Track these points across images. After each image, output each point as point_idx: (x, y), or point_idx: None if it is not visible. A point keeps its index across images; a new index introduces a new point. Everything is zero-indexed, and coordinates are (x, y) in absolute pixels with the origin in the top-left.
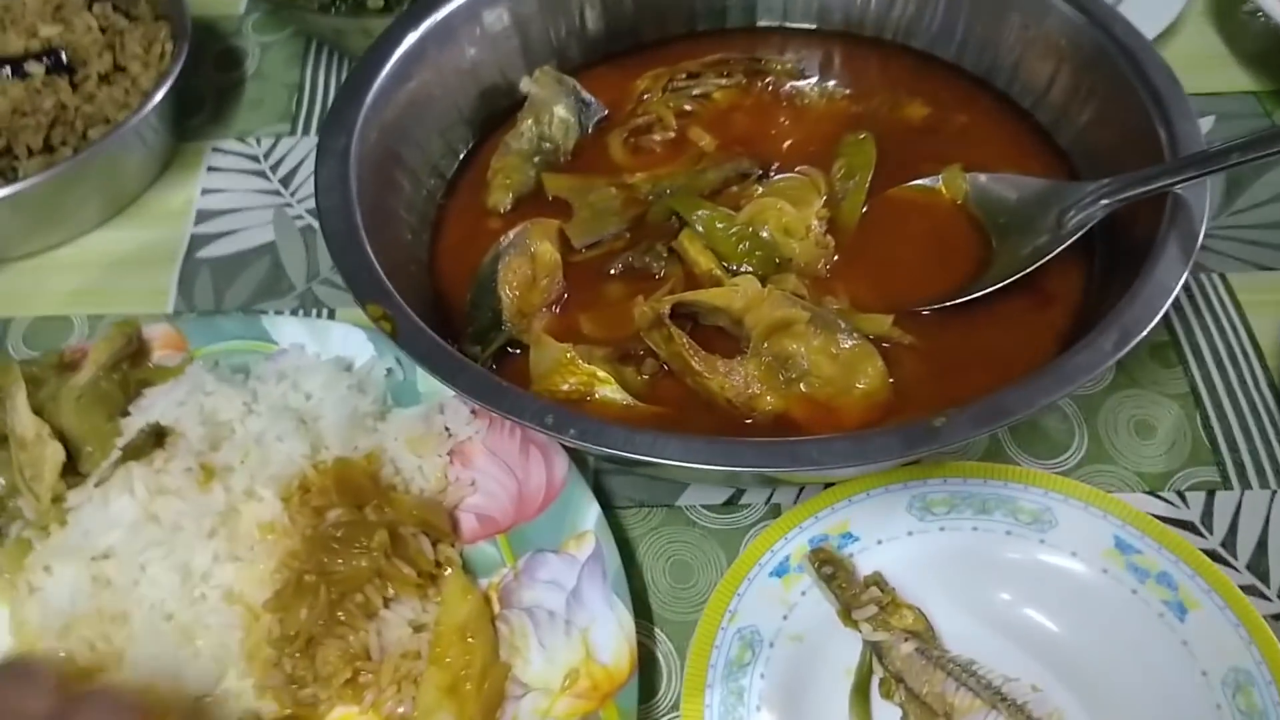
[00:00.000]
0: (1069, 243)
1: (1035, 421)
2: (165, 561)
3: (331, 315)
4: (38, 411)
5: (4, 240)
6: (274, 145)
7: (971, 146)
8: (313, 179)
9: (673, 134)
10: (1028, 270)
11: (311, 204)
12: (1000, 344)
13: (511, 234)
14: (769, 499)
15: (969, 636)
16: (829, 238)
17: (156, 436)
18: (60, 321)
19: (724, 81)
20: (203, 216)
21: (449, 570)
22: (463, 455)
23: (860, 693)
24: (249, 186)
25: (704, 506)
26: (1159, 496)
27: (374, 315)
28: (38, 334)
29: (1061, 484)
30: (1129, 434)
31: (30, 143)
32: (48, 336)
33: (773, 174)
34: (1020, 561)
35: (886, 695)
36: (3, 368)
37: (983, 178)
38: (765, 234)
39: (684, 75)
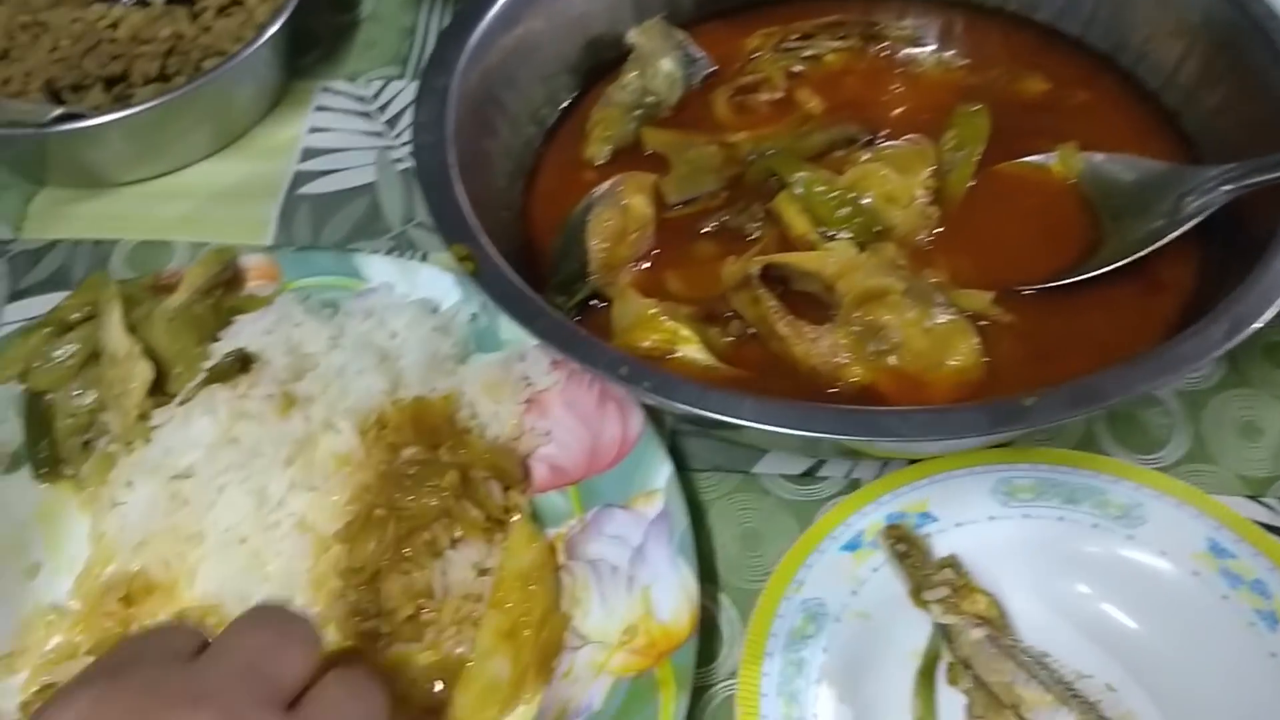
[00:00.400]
0: (1186, 228)
1: (1134, 413)
2: (242, 485)
3: (424, 259)
4: (131, 330)
5: (114, 164)
6: (383, 88)
7: (1089, 126)
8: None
9: (780, 94)
10: (1139, 254)
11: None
12: (1104, 330)
13: (605, 185)
14: (849, 473)
15: (1043, 628)
16: (933, 208)
17: (242, 362)
18: (162, 247)
19: (837, 44)
20: (308, 154)
21: (516, 516)
22: (539, 405)
23: (925, 676)
24: (355, 127)
25: (781, 476)
26: (1261, 502)
27: (458, 255)
28: (140, 257)
29: (1156, 479)
30: (1234, 434)
31: (146, 70)
32: (149, 261)
33: (880, 141)
34: (1104, 556)
35: (953, 681)
36: (100, 284)
37: (1099, 157)
38: (867, 200)
39: (797, 36)
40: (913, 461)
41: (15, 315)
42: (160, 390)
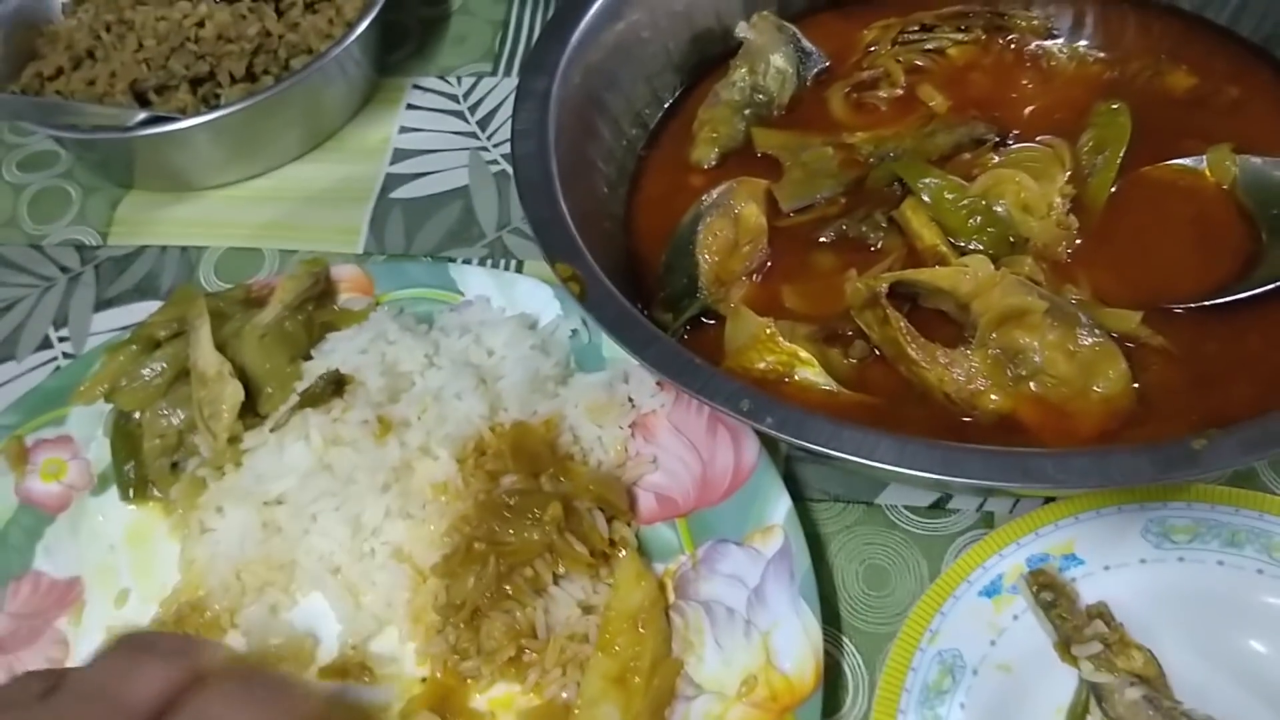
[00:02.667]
0: None
1: None
2: (336, 513)
3: (520, 267)
4: (220, 347)
5: (202, 168)
6: (474, 85)
7: (1243, 125)
8: (510, 122)
9: (900, 91)
10: None
11: (507, 149)
12: (1269, 354)
13: (714, 193)
14: (981, 505)
15: (1205, 688)
16: (1072, 218)
17: (336, 384)
18: (251, 254)
19: (961, 36)
20: (399, 155)
21: (624, 551)
22: (645, 428)
23: None
24: (447, 127)
25: (906, 508)
26: None
27: (563, 275)
28: (228, 265)
29: None
30: None
31: (233, 70)
32: (238, 268)
33: (1011, 142)
34: (1276, 607)
35: None
36: (188, 298)
37: (1257, 160)
38: (1000, 209)
39: (917, 27)
40: (1050, 498)
41: (102, 324)
42: (251, 410)
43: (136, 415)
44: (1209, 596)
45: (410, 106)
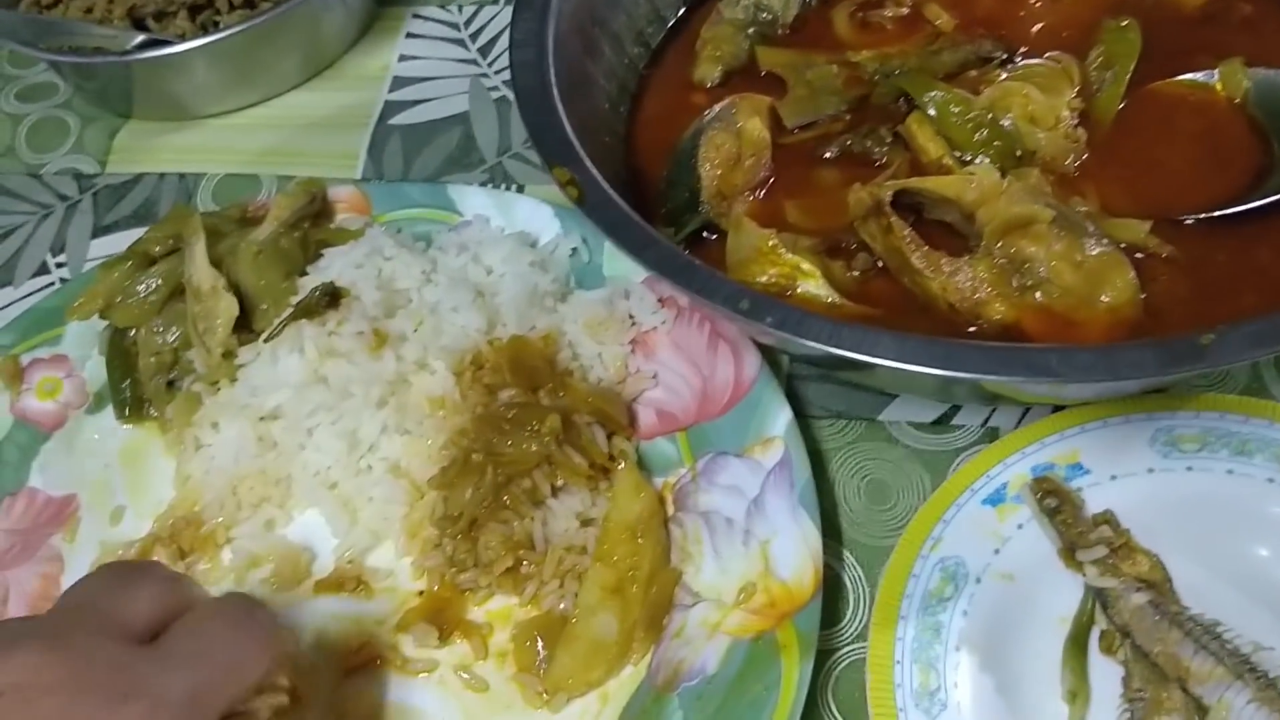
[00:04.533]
0: None
1: None
2: (332, 427)
3: (520, 191)
4: (216, 264)
5: (200, 95)
6: (475, 13)
7: (1256, 40)
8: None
9: (906, 10)
10: None
11: (508, 75)
12: (1276, 265)
13: (717, 108)
14: (986, 420)
15: (1212, 595)
16: (1080, 131)
17: (330, 297)
18: (249, 179)
19: None
20: (398, 83)
21: (622, 464)
22: (645, 346)
23: (1077, 644)
24: (447, 55)
25: (910, 424)
26: None
27: (560, 180)
28: (226, 191)
29: None
30: None
31: None
32: (236, 194)
33: (1018, 60)
34: None
35: (1108, 650)
36: (183, 217)
37: (1269, 73)
38: (1007, 122)
39: None
40: (1057, 408)
41: (100, 251)
42: (246, 327)
43: (132, 333)
44: (1216, 505)
45: (410, 35)
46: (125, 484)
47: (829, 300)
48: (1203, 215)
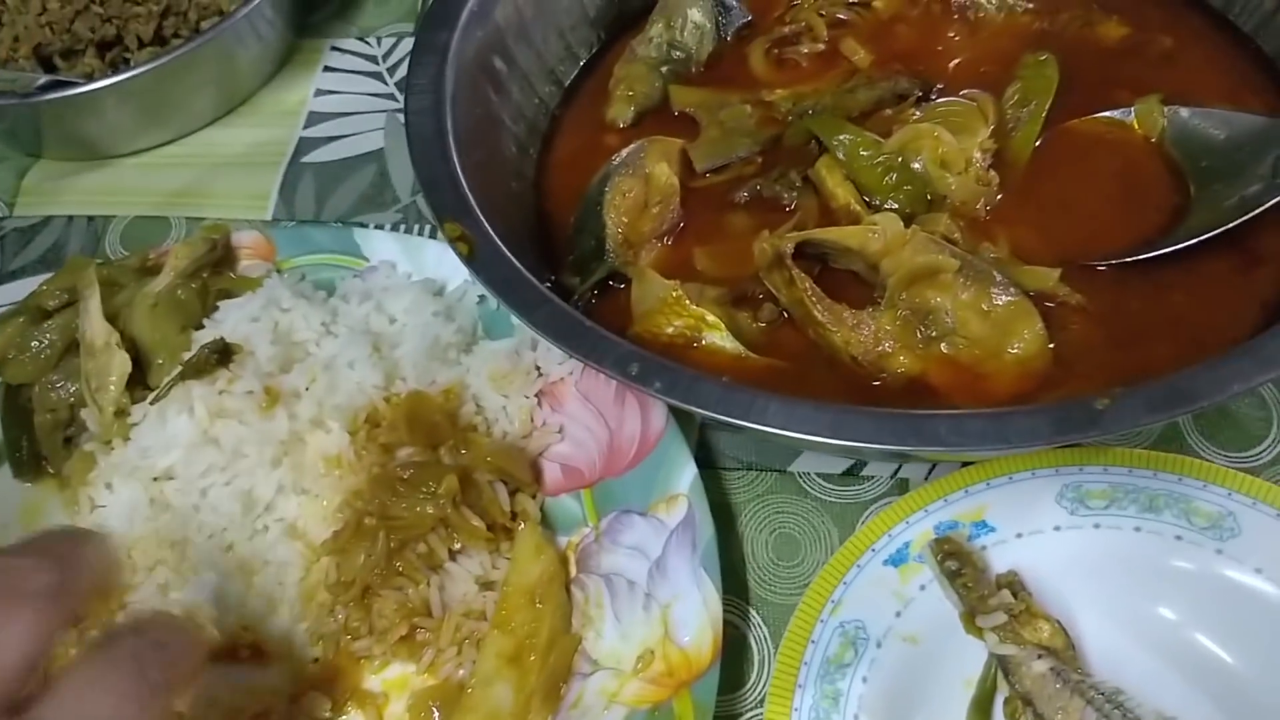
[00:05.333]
0: None
1: (1225, 406)
2: (226, 488)
3: (434, 232)
4: (112, 318)
5: (112, 135)
6: (395, 45)
7: (1175, 76)
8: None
9: (823, 46)
10: (1233, 224)
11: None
12: (1191, 311)
13: (625, 152)
14: (895, 472)
15: (1120, 657)
16: (992, 174)
17: (221, 354)
18: (158, 222)
19: None
20: (314, 119)
21: (523, 524)
22: (553, 397)
23: (980, 711)
24: (364, 89)
25: (819, 475)
26: None
27: (450, 235)
28: (135, 234)
29: (1250, 484)
30: None
31: (141, 33)
32: (144, 237)
33: (934, 97)
34: (1192, 573)
35: (1011, 718)
36: (79, 268)
37: (1185, 112)
38: (918, 165)
39: None
40: (967, 462)
41: (5, 298)
42: (142, 383)
43: (27, 390)
44: (1125, 563)
45: (328, 69)
46: None
47: (734, 352)
48: (1115, 261)
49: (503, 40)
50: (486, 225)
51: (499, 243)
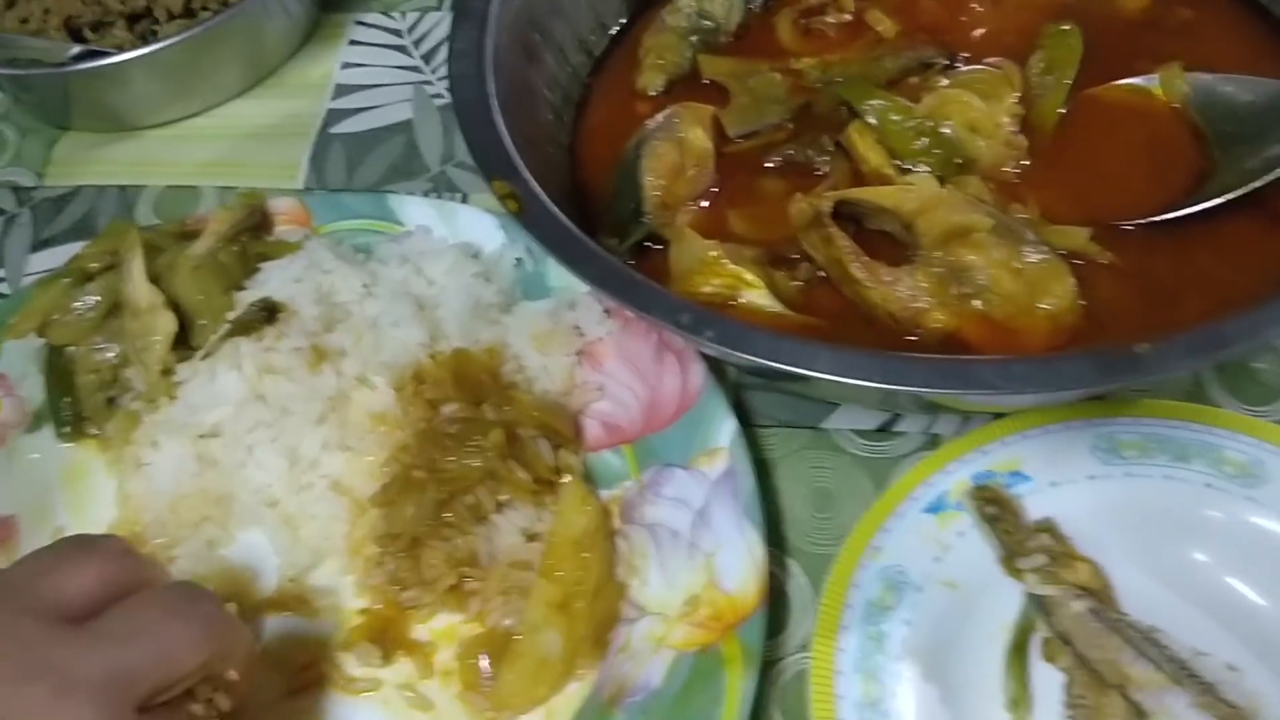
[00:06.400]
0: None
1: (1244, 361)
2: (273, 445)
3: (464, 200)
4: (154, 280)
5: (141, 106)
6: (419, 19)
7: (1195, 45)
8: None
9: (849, 16)
10: (1257, 185)
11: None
12: (1218, 270)
13: (659, 117)
14: (928, 427)
15: (1153, 601)
16: (1021, 138)
17: (268, 312)
18: (190, 192)
19: None
20: (341, 91)
21: (567, 478)
22: (592, 357)
23: (1018, 652)
24: (390, 62)
25: (854, 431)
26: None
27: (500, 193)
28: (167, 204)
29: (1277, 434)
30: None
31: (170, 5)
32: (177, 207)
33: (960, 66)
34: (1222, 520)
35: (1049, 658)
36: (121, 232)
37: (1208, 78)
38: (948, 130)
39: None
40: (998, 415)
41: (39, 265)
42: (185, 343)
43: (70, 350)
44: (1156, 511)
45: (353, 42)
46: (66, 504)
47: (772, 310)
48: (1143, 221)
49: (536, 11)
50: (534, 184)
51: (546, 200)
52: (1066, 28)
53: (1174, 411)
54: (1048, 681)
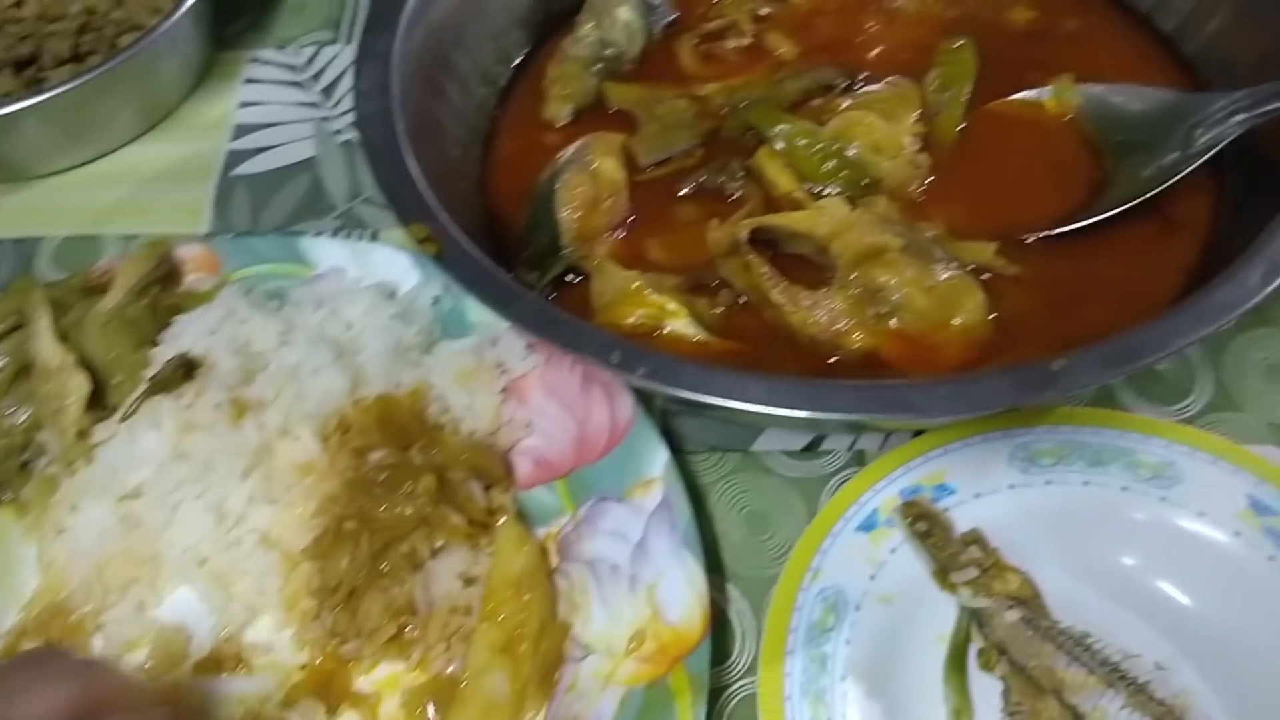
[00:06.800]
0: (1198, 163)
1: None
2: (197, 502)
3: (374, 237)
4: (63, 338)
5: (32, 155)
6: (315, 54)
7: (1083, 54)
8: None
9: (748, 40)
10: (1150, 194)
11: (355, 120)
12: (1118, 276)
13: (571, 149)
14: (853, 445)
15: (1080, 605)
16: (923, 156)
17: (185, 368)
18: (91, 241)
19: None
20: (240, 131)
21: (503, 518)
22: (518, 393)
23: (955, 663)
24: (288, 99)
25: (782, 452)
26: None
27: (417, 236)
28: (67, 254)
29: (1188, 435)
30: (1259, 379)
31: (58, 51)
32: (78, 257)
33: (859, 86)
34: (1140, 522)
35: (986, 667)
36: (25, 289)
37: (1098, 89)
38: (853, 151)
39: None
40: (919, 432)
41: None
42: (99, 403)
43: None
44: (1077, 516)
45: (250, 80)
46: None
47: (696, 338)
48: (1044, 233)
49: (439, 45)
50: (451, 225)
51: (465, 241)
52: (960, 44)
53: (1086, 418)
54: (986, 690)
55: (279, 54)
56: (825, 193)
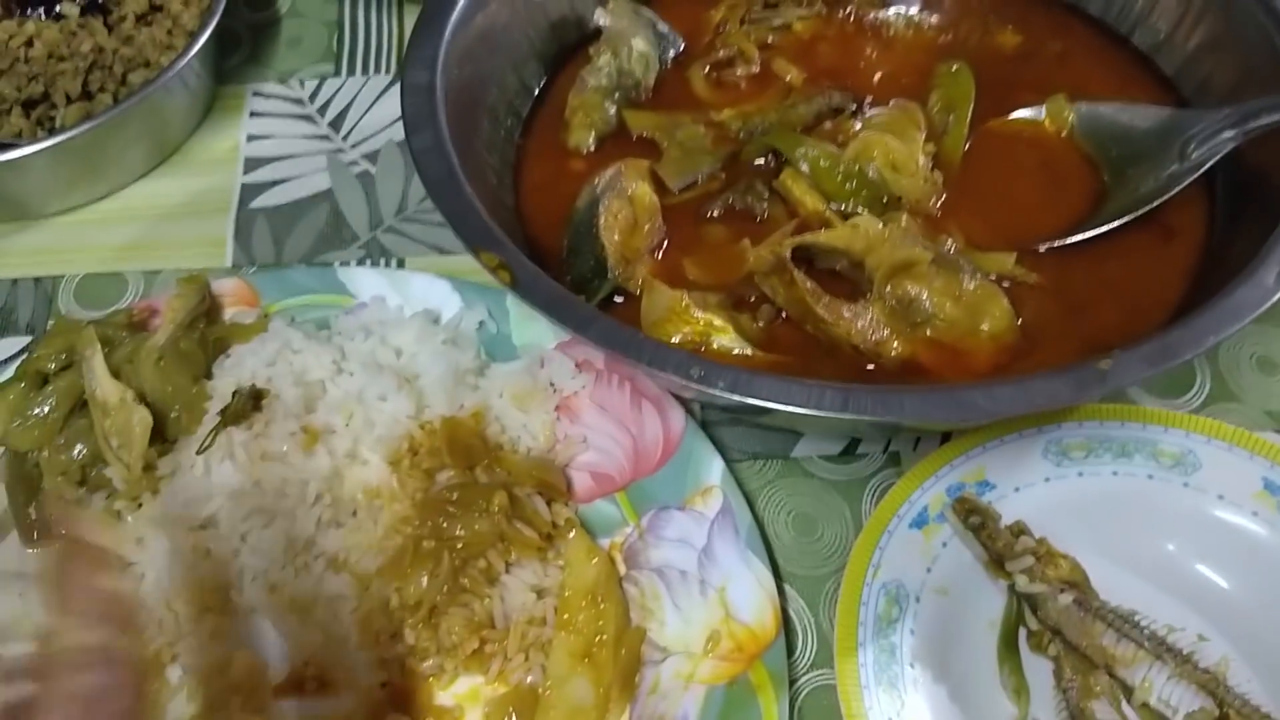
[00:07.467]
0: (1196, 175)
1: None
2: (266, 530)
3: (400, 265)
4: (115, 375)
5: (45, 194)
6: (319, 87)
7: (1071, 73)
8: (401, 119)
9: (756, 68)
10: (1156, 204)
11: (366, 149)
12: (1126, 280)
13: (606, 176)
14: (887, 447)
15: (1120, 587)
16: (937, 173)
17: (254, 399)
18: (112, 278)
19: (803, 11)
20: (251, 164)
21: (572, 531)
22: (569, 411)
23: (1008, 645)
24: (296, 131)
25: (820, 457)
26: None
27: (489, 264)
28: (89, 291)
29: (1204, 425)
30: (1252, 371)
31: (68, 89)
32: (100, 294)
33: (866, 108)
34: (1165, 507)
35: (1037, 649)
36: (73, 329)
37: (1087, 107)
38: (872, 171)
39: (761, 4)
40: (946, 435)
41: None
42: (159, 436)
43: (34, 455)
44: (1108, 505)
45: (254, 114)
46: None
47: (741, 352)
48: (1057, 243)
49: (472, 77)
50: (517, 251)
51: (533, 266)
52: (956, 67)
53: (1111, 413)
54: (1038, 668)
55: (281, 87)
56: (849, 211)
